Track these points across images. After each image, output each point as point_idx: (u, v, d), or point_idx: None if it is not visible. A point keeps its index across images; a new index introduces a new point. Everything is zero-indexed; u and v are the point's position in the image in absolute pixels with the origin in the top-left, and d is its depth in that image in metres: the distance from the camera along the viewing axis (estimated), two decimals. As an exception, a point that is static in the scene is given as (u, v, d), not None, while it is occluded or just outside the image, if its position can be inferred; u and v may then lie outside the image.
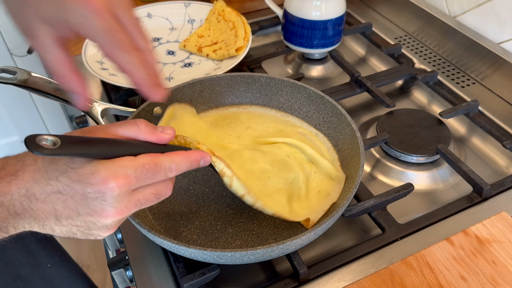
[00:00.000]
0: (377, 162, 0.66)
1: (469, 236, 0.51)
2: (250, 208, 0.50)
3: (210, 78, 0.65)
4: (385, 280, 0.48)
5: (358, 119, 0.74)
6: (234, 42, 0.79)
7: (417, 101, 0.78)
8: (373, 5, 1.00)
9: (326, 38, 0.80)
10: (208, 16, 0.88)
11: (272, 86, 0.65)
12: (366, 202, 0.55)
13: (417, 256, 0.50)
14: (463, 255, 0.50)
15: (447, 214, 0.56)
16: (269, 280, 0.52)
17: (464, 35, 0.80)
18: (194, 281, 0.48)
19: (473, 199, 0.58)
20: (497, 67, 0.76)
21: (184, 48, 0.83)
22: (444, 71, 0.81)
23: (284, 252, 0.46)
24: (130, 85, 0.40)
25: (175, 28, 0.89)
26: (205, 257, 0.44)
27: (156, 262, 0.52)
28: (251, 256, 0.44)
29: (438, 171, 0.64)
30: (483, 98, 0.74)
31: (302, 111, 0.65)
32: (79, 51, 0.87)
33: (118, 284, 0.58)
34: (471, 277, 0.48)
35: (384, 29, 0.93)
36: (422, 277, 0.48)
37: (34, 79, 0.58)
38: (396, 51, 0.84)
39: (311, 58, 0.87)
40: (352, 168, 0.55)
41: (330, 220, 0.46)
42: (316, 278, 0.50)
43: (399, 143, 0.65)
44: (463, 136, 0.71)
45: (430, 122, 0.69)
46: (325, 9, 0.78)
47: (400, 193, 0.57)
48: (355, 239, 0.56)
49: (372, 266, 0.51)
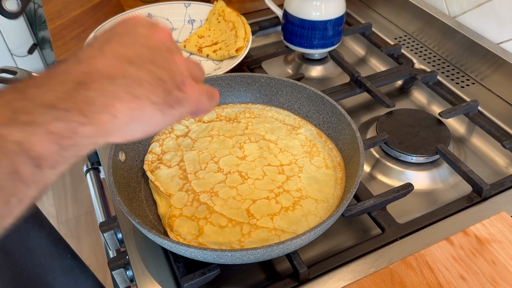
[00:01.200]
0: (377, 162, 0.67)
1: (469, 236, 0.51)
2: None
3: (210, 78, 0.65)
4: (384, 280, 0.48)
5: (358, 119, 0.74)
6: (234, 43, 0.79)
7: (417, 101, 0.79)
8: (373, 6, 1.00)
9: (326, 38, 0.81)
10: (208, 17, 0.88)
11: (272, 86, 0.66)
12: (366, 202, 0.55)
13: (417, 256, 0.50)
14: (463, 255, 0.50)
15: (447, 214, 0.56)
16: (269, 280, 0.52)
17: (463, 35, 0.80)
18: (194, 281, 0.48)
19: (472, 199, 0.58)
20: (496, 67, 0.76)
21: (184, 49, 0.83)
22: (444, 71, 0.81)
23: (284, 252, 0.46)
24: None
25: (175, 28, 0.89)
26: (205, 257, 0.44)
27: (156, 262, 0.52)
28: (251, 256, 0.44)
29: (437, 171, 0.64)
30: (482, 98, 0.74)
31: (302, 111, 0.65)
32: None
33: (118, 283, 0.58)
34: (471, 277, 0.48)
35: (383, 30, 0.93)
36: (421, 277, 0.48)
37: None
38: (395, 51, 0.84)
39: (311, 58, 0.87)
40: (352, 168, 0.55)
41: (330, 220, 0.46)
42: (316, 278, 0.50)
43: (399, 143, 0.66)
44: (462, 136, 0.72)
45: (429, 122, 0.69)
46: (325, 10, 0.78)
47: (399, 193, 0.57)
48: (355, 239, 0.56)
49: (372, 266, 0.51)
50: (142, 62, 0.32)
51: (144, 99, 0.31)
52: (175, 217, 0.53)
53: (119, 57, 0.31)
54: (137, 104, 0.30)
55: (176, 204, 0.54)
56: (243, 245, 0.49)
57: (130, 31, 0.33)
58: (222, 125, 0.64)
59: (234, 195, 0.55)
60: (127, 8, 0.95)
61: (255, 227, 0.51)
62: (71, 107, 0.27)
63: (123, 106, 0.29)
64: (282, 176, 0.57)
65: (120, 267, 0.56)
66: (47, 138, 0.26)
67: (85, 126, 0.27)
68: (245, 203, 0.54)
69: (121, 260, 0.56)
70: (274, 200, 0.54)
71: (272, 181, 0.56)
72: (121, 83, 0.30)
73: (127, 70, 0.31)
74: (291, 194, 0.55)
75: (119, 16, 0.86)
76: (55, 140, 0.26)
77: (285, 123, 0.65)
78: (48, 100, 0.26)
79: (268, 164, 0.58)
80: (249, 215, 0.52)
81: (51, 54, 1.53)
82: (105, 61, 0.30)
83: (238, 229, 0.51)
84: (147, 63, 0.32)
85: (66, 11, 1.00)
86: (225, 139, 0.62)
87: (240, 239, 0.50)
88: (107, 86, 0.29)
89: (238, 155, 0.60)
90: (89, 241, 1.66)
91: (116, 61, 0.31)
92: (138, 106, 0.30)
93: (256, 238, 0.50)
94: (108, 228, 0.59)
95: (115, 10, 0.99)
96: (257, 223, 0.51)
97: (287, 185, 0.56)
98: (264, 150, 0.60)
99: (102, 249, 1.60)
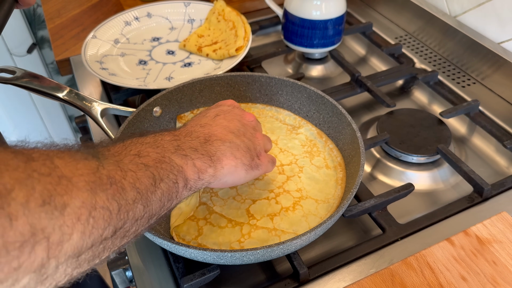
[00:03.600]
0: (378, 162, 0.66)
1: (470, 236, 0.51)
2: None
3: (210, 78, 0.65)
4: (385, 280, 0.48)
5: (358, 119, 0.74)
6: (234, 42, 0.78)
7: (418, 101, 0.78)
8: (374, 5, 1.00)
9: (326, 37, 0.80)
10: (208, 16, 0.88)
11: (272, 86, 0.65)
12: (367, 202, 0.55)
13: (418, 256, 0.50)
14: (464, 255, 0.49)
15: (448, 214, 0.56)
16: (269, 280, 0.52)
17: (464, 35, 0.80)
18: (194, 281, 0.47)
19: (473, 199, 0.58)
20: (497, 67, 0.75)
21: (184, 48, 0.83)
22: (445, 71, 0.81)
23: (284, 253, 0.46)
24: None
25: (175, 27, 0.89)
26: (205, 257, 0.44)
27: (156, 262, 0.52)
28: (251, 256, 0.43)
29: (438, 171, 0.64)
30: (483, 98, 0.74)
31: (302, 111, 0.65)
32: (79, 50, 0.87)
33: (118, 284, 0.58)
34: (472, 277, 0.47)
35: (384, 29, 0.93)
36: (422, 277, 0.48)
37: (33, 79, 0.58)
38: (396, 51, 0.84)
39: (311, 57, 0.87)
40: (353, 168, 0.55)
41: (331, 220, 0.46)
42: (316, 279, 0.50)
43: (400, 143, 0.65)
44: (463, 136, 0.71)
45: (430, 122, 0.69)
46: (325, 9, 0.77)
47: (400, 193, 0.57)
48: (356, 239, 0.56)
49: (373, 267, 0.51)
50: (239, 133, 0.45)
51: (239, 159, 0.44)
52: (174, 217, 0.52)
53: (225, 128, 0.45)
54: (235, 162, 0.43)
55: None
56: (242, 246, 0.49)
57: (230, 111, 0.48)
58: None
59: (234, 195, 0.54)
60: (126, 7, 0.95)
61: (255, 228, 0.51)
62: (204, 153, 0.40)
63: (228, 161, 0.42)
64: (282, 176, 0.57)
65: (120, 268, 0.55)
66: (193, 169, 0.39)
67: (210, 168, 0.40)
68: (245, 204, 0.53)
69: (120, 260, 0.56)
70: (274, 201, 0.54)
71: (272, 181, 0.56)
72: (228, 145, 0.43)
73: (231, 137, 0.44)
74: (291, 194, 0.55)
75: (119, 15, 0.86)
76: (196, 171, 0.39)
77: (285, 123, 0.65)
78: (193, 145, 0.40)
79: None
80: (249, 215, 0.52)
81: (50, 54, 1.53)
82: (217, 129, 0.44)
83: (238, 230, 0.51)
84: (242, 135, 0.45)
85: (65, 10, 0.99)
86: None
87: (240, 240, 0.50)
88: (220, 145, 0.43)
89: None
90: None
91: (224, 130, 0.45)
92: (235, 164, 0.43)
93: (256, 238, 0.50)
94: (108, 228, 0.59)
95: (115, 9, 0.99)
96: (257, 223, 0.51)
97: (287, 185, 0.56)
98: None
99: (102, 249, 1.59)
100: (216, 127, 0.44)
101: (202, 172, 0.39)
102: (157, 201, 0.34)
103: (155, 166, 0.35)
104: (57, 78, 1.58)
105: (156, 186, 0.34)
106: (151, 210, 0.34)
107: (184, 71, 0.78)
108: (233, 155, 0.43)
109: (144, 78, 0.76)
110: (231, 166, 0.43)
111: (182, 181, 0.37)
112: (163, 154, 0.37)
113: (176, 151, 0.38)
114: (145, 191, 0.33)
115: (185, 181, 0.38)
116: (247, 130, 0.47)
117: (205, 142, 0.42)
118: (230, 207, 0.53)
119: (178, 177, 0.37)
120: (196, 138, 0.42)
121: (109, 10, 0.99)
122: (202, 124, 0.45)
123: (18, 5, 0.53)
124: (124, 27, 0.86)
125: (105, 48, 0.81)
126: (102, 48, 0.81)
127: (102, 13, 0.98)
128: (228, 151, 0.43)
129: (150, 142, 0.37)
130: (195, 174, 0.39)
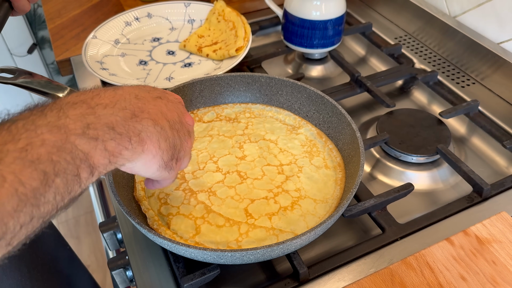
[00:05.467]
0: (377, 162, 0.66)
1: (469, 236, 0.51)
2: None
3: (210, 78, 0.65)
4: (385, 280, 0.48)
5: (358, 119, 0.74)
6: (234, 42, 0.79)
7: (417, 101, 0.78)
8: (373, 5, 1.00)
9: (326, 38, 0.80)
10: (208, 16, 0.88)
11: (272, 86, 0.65)
12: (366, 202, 0.55)
13: (417, 256, 0.50)
14: (463, 255, 0.50)
15: (447, 214, 0.56)
16: (269, 280, 0.52)
17: (464, 35, 0.80)
18: (194, 281, 0.47)
19: (473, 199, 0.58)
20: (497, 67, 0.76)
21: (184, 48, 0.83)
22: (444, 71, 0.81)
23: (284, 252, 0.46)
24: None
25: (175, 28, 0.89)
26: (205, 257, 0.44)
27: (156, 262, 0.52)
28: (251, 256, 0.44)
29: (438, 171, 0.64)
30: (483, 98, 0.74)
31: (302, 111, 0.65)
32: (79, 50, 0.87)
33: (118, 284, 0.58)
34: (471, 277, 0.48)
35: (384, 29, 0.93)
36: (422, 277, 0.48)
37: (34, 79, 0.58)
38: (396, 51, 0.84)
39: (311, 58, 0.87)
40: (352, 168, 0.55)
41: (330, 220, 0.46)
42: (316, 278, 0.50)
43: (399, 143, 0.65)
44: (463, 136, 0.71)
45: (430, 122, 0.69)
46: (325, 9, 0.78)
47: (400, 193, 0.57)
48: (355, 239, 0.56)
49: (372, 266, 0.51)
50: (174, 127, 0.41)
51: (161, 152, 0.39)
52: (172, 215, 0.52)
53: (163, 113, 0.40)
54: (156, 152, 0.38)
55: (172, 203, 0.54)
56: (240, 245, 0.49)
57: (174, 102, 0.43)
58: (222, 125, 0.64)
59: (232, 194, 0.54)
60: (126, 7, 0.95)
61: (253, 227, 0.51)
62: (124, 132, 0.34)
63: (150, 147, 0.37)
64: (281, 176, 0.57)
65: (120, 267, 0.55)
66: (103, 153, 0.33)
67: (126, 150, 0.35)
68: (243, 203, 0.53)
69: (120, 260, 0.56)
70: (272, 200, 0.54)
71: (271, 181, 0.56)
72: (158, 130, 0.38)
73: (164, 124, 0.39)
74: (290, 194, 0.55)
75: (119, 15, 0.86)
76: (107, 156, 0.33)
77: (285, 123, 0.65)
78: (110, 122, 0.34)
79: (267, 164, 0.58)
80: (247, 214, 0.52)
81: (50, 54, 1.53)
82: (154, 108, 0.39)
83: (236, 229, 0.51)
84: (175, 130, 0.41)
85: (65, 10, 1.00)
86: (224, 139, 0.62)
87: (238, 239, 0.50)
88: (149, 126, 0.37)
89: (238, 155, 0.60)
90: (88, 241, 1.66)
91: (160, 113, 0.39)
92: (155, 154, 0.38)
93: (253, 237, 0.50)
94: (108, 228, 0.59)
95: (115, 9, 0.99)
96: (255, 222, 0.51)
97: (286, 185, 0.56)
98: (264, 150, 0.60)
99: (102, 250, 1.60)
100: (153, 106, 0.39)
101: (114, 155, 0.34)
102: (51, 201, 0.29)
103: (49, 160, 0.29)
104: (58, 78, 1.58)
105: (48, 185, 0.29)
106: (42, 212, 0.29)
107: (184, 71, 0.78)
108: (158, 143, 0.38)
109: (145, 78, 0.76)
110: (150, 154, 0.38)
111: (86, 171, 0.32)
112: (65, 138, 0.30)
113: (84, 132, 0.32)
114: (32, 195, 0.28)
115: (91, 169, 0.32)
116: (182, 129, 0.43)
117: (131, 118, 0.36)
118: (228, 206, 0.53)
119: (81, 167, 0.31)
120: (122, 109, 0.35)
121: (110, 10, 0.99)
122: (138, 96, 0.39)
123: (13, 12, 0.52)
124: (125, 27, 0.86)
125: (105, 48, 0.81)
126: (103, 48, 0.81)
127: (102, 13, 0.99)
128: (155, 136, 0.38)
129: (51, 121, 0.31)
130: (105, 159, 0.33)
